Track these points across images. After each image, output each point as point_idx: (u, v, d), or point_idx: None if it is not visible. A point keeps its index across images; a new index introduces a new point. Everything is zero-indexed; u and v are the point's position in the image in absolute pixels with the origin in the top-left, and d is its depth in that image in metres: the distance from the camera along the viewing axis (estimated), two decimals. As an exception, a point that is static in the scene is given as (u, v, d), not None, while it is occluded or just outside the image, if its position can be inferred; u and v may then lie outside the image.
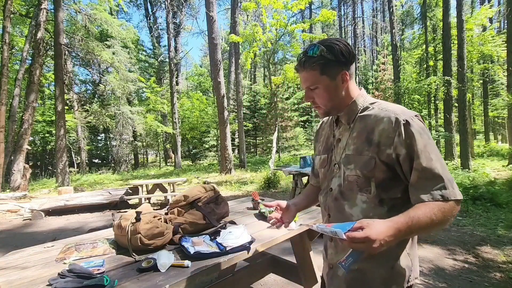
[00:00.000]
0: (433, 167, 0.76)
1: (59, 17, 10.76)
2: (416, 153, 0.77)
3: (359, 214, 0.85)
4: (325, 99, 0.91)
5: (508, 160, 9.24)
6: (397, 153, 0.80)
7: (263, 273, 2.35)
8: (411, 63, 17.61)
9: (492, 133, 20.79)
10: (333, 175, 0.95)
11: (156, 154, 25.63)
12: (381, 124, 0.83)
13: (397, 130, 0.79)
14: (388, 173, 0.82)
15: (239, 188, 8.32)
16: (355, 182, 0.86)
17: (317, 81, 0.88)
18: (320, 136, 1.11)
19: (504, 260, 2.89)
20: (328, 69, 0.86)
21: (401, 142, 0.79)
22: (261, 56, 15.41)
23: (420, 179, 0.77)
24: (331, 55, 0.85)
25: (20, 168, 10.03)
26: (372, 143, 0.83)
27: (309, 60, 0.87)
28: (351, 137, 0.90)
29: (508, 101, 7.99)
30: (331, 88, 0.89)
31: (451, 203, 0.74)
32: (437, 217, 0.72)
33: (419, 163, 0.77)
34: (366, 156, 0.84)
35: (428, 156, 0.77)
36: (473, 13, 13.19)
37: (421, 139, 0.78)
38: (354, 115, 0.92)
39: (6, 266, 1.26)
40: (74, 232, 4.56)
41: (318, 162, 1.05)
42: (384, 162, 0.81)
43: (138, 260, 1.26)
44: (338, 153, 0.94)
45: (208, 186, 1.88)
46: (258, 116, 23.09)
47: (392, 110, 0.84)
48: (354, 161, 0.86)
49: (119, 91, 15.29)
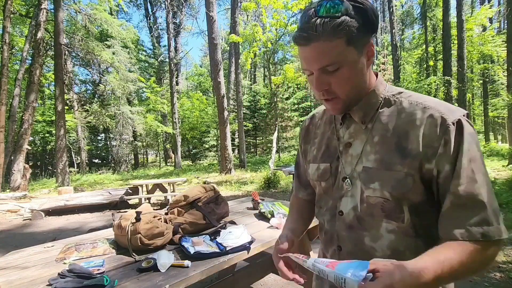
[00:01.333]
0: (476, 192, 0.54)
1: (59, 17, 10.77)
2: (456, 171, 0.55)
3: (386, 250, 0.63)
4: (350, 84, 0.62)
5: (508, 160, 9.24)
6: (438, 169, 0.57)
7: (263, 273, 2.34)
8: (411, 63, 17.64)
9: (492, 133, 20.80)
10: (343, 193, 0.69)
11: (156, 154, 25.64)
12: (420, 127, 0.59)
13: (443, 137, 0.56)
14: (425, 194, 0.60)
15: (239, 188, 8.32)
16: (379, 206, 0.63)
17: (341, 56, 0.58)
18: (312, 135, 0.83)
19: (504, 260, 2.89)
20: (357, 36, 0.58)
21: (447, 154, 0.56)
22: (261, 56, 15.43)
23: (455, 206, 0.56)
24: (359, 16, 0.57)
25: (20, 168, 10.03)
26: (407, 153, 0.59)
27: (330, 23, 0.56)
28: (371, 143, 0.65)
29: (508, 101, 7.99)
30: (360, 66, 0.62)
31: (494, 243, 0.54)
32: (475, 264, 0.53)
33: (457, 184, 0.55)
34: (400, 173, 0.60)
35: (471, 175, 0.55)
36: (473, 13, 13.21)
37: (468, 151, 0.55)
38: (373, 110, 0.66)
39: (6, 266, 1.27)
40: (74, 232, 4.56)
41: (315, 172, 0.77)
42: (423, 180, 0.59)
43: (138, 260, 1.26)
44: (350, 163, 0.68)
45: (208, 186, 1.88)
46: (258, 116, 23.10)
47: (434, 106, 0.60)
48: (379, 177, 0.62)
49: (119, 91, 15.30)
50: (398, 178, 0.60)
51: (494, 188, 5.22)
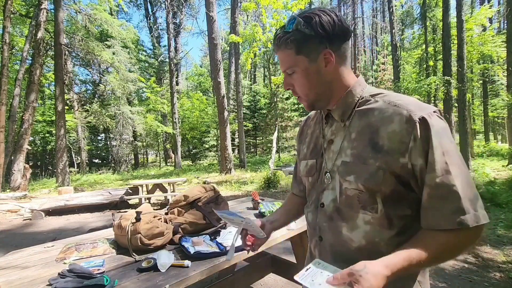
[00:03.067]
0: (451, 183, 0.58)
1: (59, 17, 10.78)
2: (430, 164, 0.60)
3: (361, 240, 0.68)
4: (305, 87, 0.72)
5: (508, 160, 9.25)
6: (412, 163, 0.62)
7: (263, 273, 2.35)
8: (411, 63, 17.64)
9: (492, 133, 20.81)
10: (324, 186, 0.75)
11: (156, 154, 25.65)
12: (390, 124, 0.64)
13: (412, 133, 0.61)
14: (398, 186, 0.64)
15: (239, 188, 8.32)
16: (355, 197, 0.67)
17: (293, 63, 0.70)
18: (304, 135, 0.90)
19: (504, 260, 2.89)
20: (306, 47, 0.68)
21: (417, 148, 0.60)
22: (261, 56, 15.45)
23: (432, 198, 0.60)
24: (309, 29, 0.66)
25: (20, 168, 10.04)
26: (379, 148, 0.64)
27: (284, 37, 0.69)
28: (349, 139, 0.70)
29: (508, 101, 7.99)
30: (310, 72, 0.70)
31: (471, 230, 0.58)
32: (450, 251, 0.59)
33: (432, 176, 0.59)
34: (372, 166, 0.64)
35: (445, 167, 0.59)
36: (473, 13, 13.20)
37: (439, 145, 0.60)
38: (350, 109, 0.72)
39: (6, 266, 1.27)
40: (74, 232, 4.56)
41: (304, 169, 0.84)
42: (396, 174, 0.63)
43: (138, 260, 1.26)
44: (331, 158, 0.74)
45: (208, 186, 1.88)
46: (258, 116, 23.10)
47: (404, 104, 0.64)
48: (354, 171, 0.67)
49: (119, 91, 15.30)
50: (370, 171, 0.65)
51: (493, 188, 5.24)
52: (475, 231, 0.58)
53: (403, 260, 0.57)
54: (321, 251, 0.76)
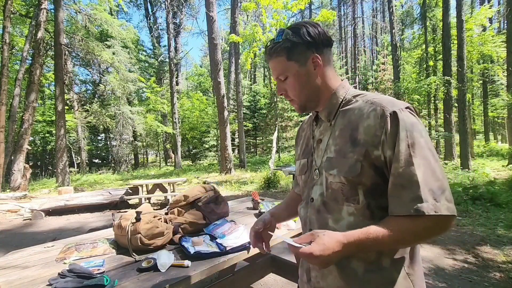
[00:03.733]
0: (412, 173, 0.62)
1: (59, 17, 10.77)
2: (395, 155, 0.65)
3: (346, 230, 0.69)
4: (297, 89, 0.79)
5: (508, 160, 9.24)
6: (384, 155, 0.67)
7: (263, 273, 2.35)
8: (411, 63, 17.64)
9: (492, 133, 20.81)
10: (314, 182, 0.81)
11: (156, 154, 25.64)
12: (366, 120, 0.70)
13: (384, 127, 0.66)
14: (377, 178, 0.69)
15: (239, 188, 8.32)
16: (339, 190, 0.72)
17: (285, 69, 0.77)
18: (300, 138, 0.97)
19: (504, 260, 2.89)
20: (295, 53, 0.76)
21: (388, 141, 0.66)
22: (261, 56, 15.43)
23: (395, 186, 0.65)
24: (297, 37, 0.75)
25: (20, 168, 10.04)
26: (357, 142, 0.70)
27: (274, 46, 0.77)
28: (333, 137, 0.77)
29: (508, 101, 8.00)
30: (301, 75, 0.77)
31: (430, 219, 0.61)
32: (405, 237, 0.63)
33: (396, 166, 0.64)
34: (351, 159, 0.70)
35: (408, 159, 0.63)
36: (473, 13, 13.19)
37: (405, 137, 0.64)
38: (334, 109, 0.79)
39: (6, 266, 1.27)
40: (74, 232, 4.56)
41: (298, 168, 0.91)
42: (373, 166, 0.68)
43: (138, 260, 1.26)
44: (319, 156, 0.80)
45: (208, 186, 1.88)
46: (258, 116, 23.10)
47: (379, 101, 0.71)
48: (337, 165, 0.73)
49: (119, 91, 15.30)
50: (350, 164, 0.70)
51: (493, 188, 5.24)
52: (435, 221, 0.61)
53: (360, 233, 0.63)
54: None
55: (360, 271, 0.71)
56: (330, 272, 0.75)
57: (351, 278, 0.72)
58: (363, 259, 0.71)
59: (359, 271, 0.71)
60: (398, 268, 0.70)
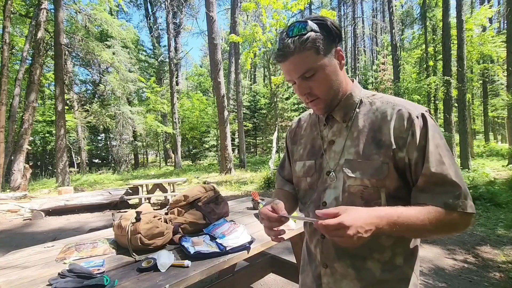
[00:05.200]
0: (445, 172, 0.64)
1: (59, 17, 10.77)
2: (426, 156, 0.65)
3: None
4: (327, 85, 0.73)
5: (508, 160, 9.25)
6: (409, 157, 0.67)
7: (263, 273, 2.35)
8: (411, 63, 17.63)
9: (492, 133, 20.82)
10: (326, 185, 0.76)
11: (156, 154, 25.64)
12: (390, 121, 0.69)
13: (411, 129, 0.67)
14: (400, 181, 0.69)
15: (239, 188, 8.32)
16: (359, 194, 0.70)
17: (314, 63, 0.70)
18: (298, 137, 0.92)
19: (504, 260, 2.89)
20: (324, 46, 0.70)
21: (414, 143, 0.66)
22: (261, 56, 15.42)
23: (428, 184, 0.65)
24: (325, 30, 0.70)
25: (20, 168, 10.04)
26: (381, 144, 0.69)
27: (299, 40, 0.68)
28: (351, 138, 0.74)
29: (508, 101, 7.99)
30: (331, 69, 0.72)
31: (455, 215, 0.63)
32: (432, 224, 0.62)
33: (427, 167, 0.65)
34: (376, 161, 0.68)
35: (439, 159, 0.65)
36: (473, 13, 13.19)
37: (433, 139, 0.66)
38: (351, 110, 0.76)
39: (6, 266, 1.27)
40: (74, 232, 4.56)
41: (301, 169, 0.85)
42: (397, 168, 0.68)
43: (138, 260, 1.26)
44: (333, 158, 0.76)
45: (208, 186, 1.88)
46: (258, 116, 23.10)
47: (401, 103, 0.71)
48: (359, 167, 0.70)
49: (119, 91, 15.29)
50: (375, 167, 0.69)
51: (493, 188, 5.24)
52: (462, 217, 0.64)
53: (390, 209, 0.63)
54: (323, 249, 0.78)
55: (378, 272, 0.71)
56: (344, 276, 0.73)
57: (369, 279, 0.71)
58: (377, 260, 0.71)
59: (377, 272, 0.71)
60: (411, 265, 0.73)
